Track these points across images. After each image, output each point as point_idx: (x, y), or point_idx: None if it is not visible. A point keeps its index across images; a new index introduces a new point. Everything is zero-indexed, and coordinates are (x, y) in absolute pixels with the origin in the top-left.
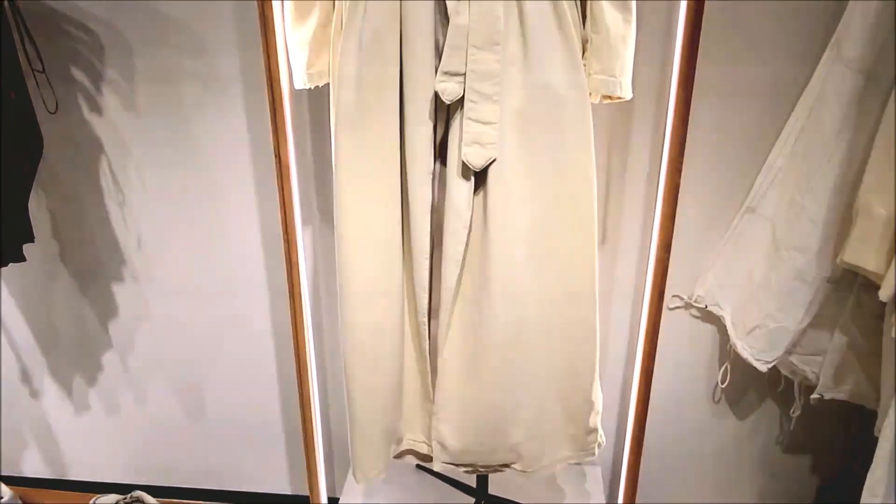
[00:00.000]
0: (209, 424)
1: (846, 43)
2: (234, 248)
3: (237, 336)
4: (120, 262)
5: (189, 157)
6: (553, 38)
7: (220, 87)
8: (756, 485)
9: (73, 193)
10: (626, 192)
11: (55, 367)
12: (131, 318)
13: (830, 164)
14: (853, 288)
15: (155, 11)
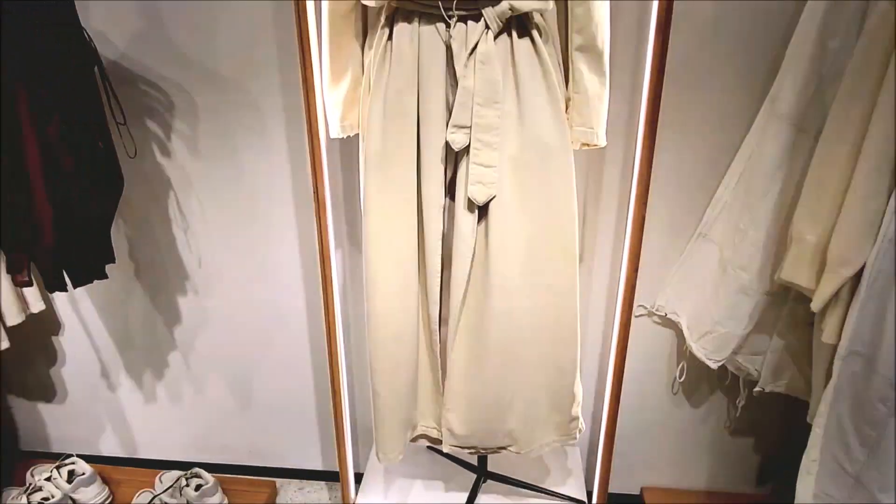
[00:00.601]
0: (255, 411)
1: (780, 100)
2: (277, 266)
3: (280, 339)
4: (184, 278)
5: (242, 192)
6: (542, 98)
7: (268, 136)
8: (707, 462)
9: (147, 222)
10: (600, 220)
11: (129, 365)
12: (192, 324)
13: (767, 198)
14: (787, 300)
15: (216, 74)
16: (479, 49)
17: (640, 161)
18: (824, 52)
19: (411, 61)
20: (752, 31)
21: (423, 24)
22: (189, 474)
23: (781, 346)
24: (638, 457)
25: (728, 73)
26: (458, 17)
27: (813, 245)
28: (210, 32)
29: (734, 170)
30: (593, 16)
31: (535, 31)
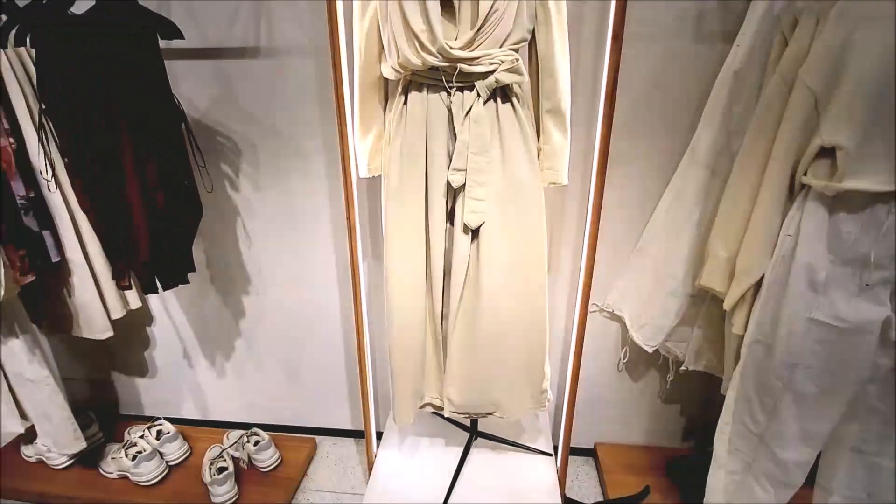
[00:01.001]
0: (300, 384)
1: (698, 149)
2: (318, 273)
3: (319, 328)
4: (247, 283)
5: (291, 217)
6: (519, 148)
7: (311, 174)
8: (644, 425)
9: (219, 240)
10: (564, 239)
11: (204, 348)
12: (253, 317)
13: (689, 223)
14: (706, 300)
15: (272, 127)
16: (473, 111)
17: (594, 195)
18: (731, 114)
19: (421, 120)
20: (677, 95)
21: (430, 93)
22: (249, 433)
23: (701, 335)
24: (592, 419)
25: (659, 127)
26: (457, 87)
27: (724, 259)
28: (268, 94)
29: (664, 201)
30: (558, 87)
31: (515, 97)
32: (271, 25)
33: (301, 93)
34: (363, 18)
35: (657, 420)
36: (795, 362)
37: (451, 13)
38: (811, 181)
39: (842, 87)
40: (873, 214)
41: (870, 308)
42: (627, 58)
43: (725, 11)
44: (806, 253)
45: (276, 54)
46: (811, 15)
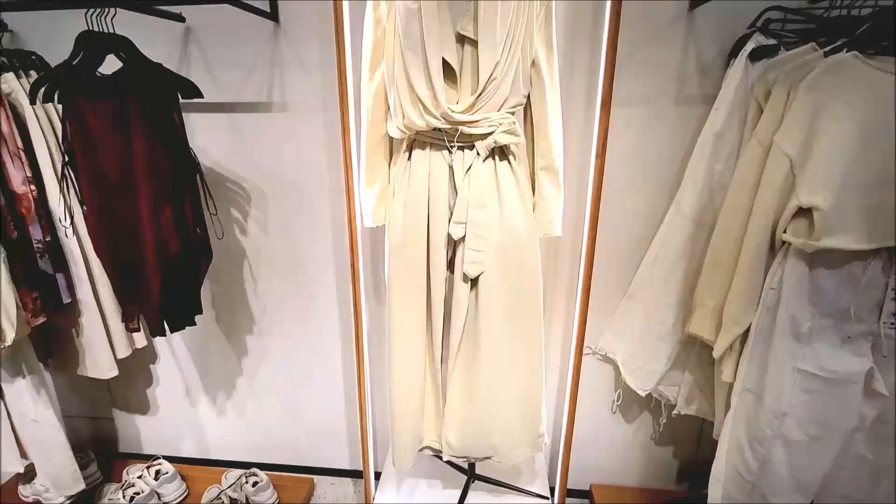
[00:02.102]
0: (300, 424)
1: (683, 202)
2: (320, 314)
3: (320, 369)
4: (251, 323)
5: (297, 260)
6: (516, 203)
7: (317, 221)
8: (639, 466)
9: (226, 281)
10: (558, 285)
11: (206, 387)
12: (256, 356)
13: (677, 272)
14: (695, 345)
15: (282, 175)
16: (473, 169)
17: (587, 245)
18: (713, 171)
19: (424, 176)
20: (662, 152)
21: (433, 151)
22: (248, 473)
23: (692, 379)
24: (587, 461)
25: (646, 182)
26: (458, 147)
27: (712, 308)
28: (278, 145)
29: (652, 250)
30: (552, 147)
31: (512, 156)
32: (284, 83)
33: (310, 145)
34: (371, 81)
35: (651, 462)
36: (784, 411)
37: (453, 79)
38: (791, 238)
39: (815, 153)
40: (850, 271)
41: (853, 360)
42: (615, 118)
43: (704, 77)
44: (790, 305)
45: (287, 109)
46: (783, 86)
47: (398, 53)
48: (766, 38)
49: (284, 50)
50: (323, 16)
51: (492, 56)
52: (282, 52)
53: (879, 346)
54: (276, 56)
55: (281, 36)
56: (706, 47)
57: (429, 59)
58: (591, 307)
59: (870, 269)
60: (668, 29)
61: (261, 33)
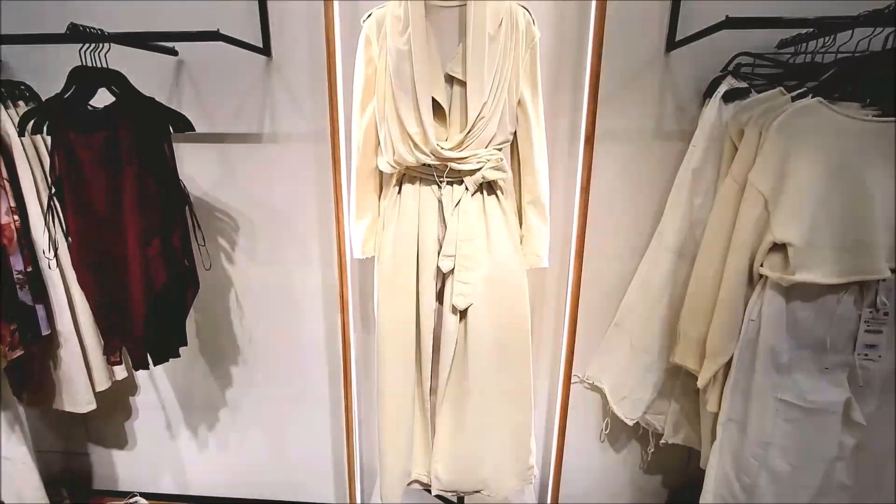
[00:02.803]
0: (285, 456)
1: (664, 234)
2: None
3: (308, 400)
4: (237, 353)
5: (285, 290)
6: (504, 236)
7: (307, 252)
8: (627, 496)
9: (212, 311)
10: (545, 317)
11: (188, 419)
12: (241, 387)
13: (661, 303)
14: (681, 374)
15: (271, 206)
16: (462, 203)
17: (573, 276)
18: (692, 205)
19: (414, 210)
20: (644, 186)
21: (422, 185)
22: None
23: (678, 408)
24: (576, 490)
25: (629, 215)
26: (447, 182)
27: (695, 339)
28: (268, 176)
29: (636, 280)
30: (538, 182)
31: (500, 191)
32: (275, 115)
33: (300, 176)
34: (362, 117)
35: (640, 491)
36: (768, 441)
37: (442, 117)
38: (767, 272)
39: (786, 191)
40: (825, 304)
41: (831, 390)
42: (599, 154)
43: (681, 115)
44: (769, 337)
45: (278, 140)
46: (754, 127)
47: (389, 92)
48: (738, 81)
49: (276, 83)
50: (315, 51)
51: (479, 96)
52: (273, 85)
53: (856, 377)
54: (268, 89)
55: (273, 70)
56: (682, 88)
57: (419, 98)
58: (578, 337)
59: (843, 302)
60: (646, 70)
61: (253, 67)
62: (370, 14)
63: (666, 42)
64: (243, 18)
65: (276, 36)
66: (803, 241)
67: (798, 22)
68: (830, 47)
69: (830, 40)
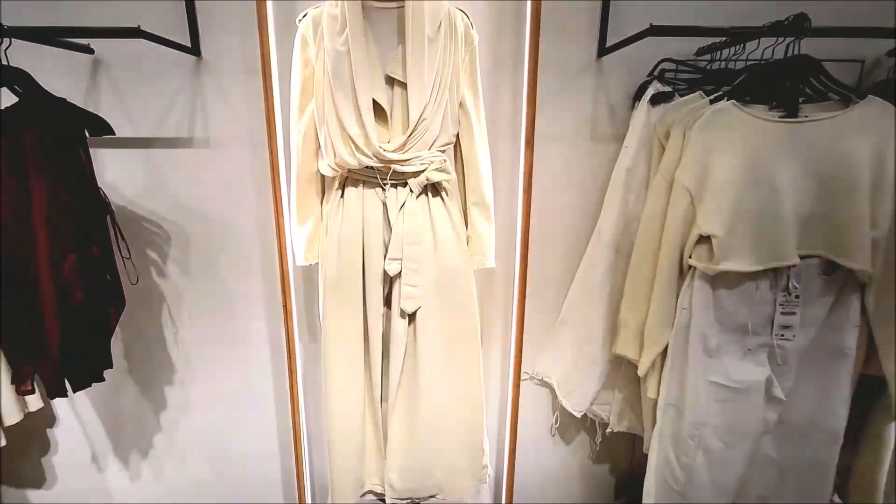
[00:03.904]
0: (230, 479)
1: (603, 232)
2: (252, 359)
3: (252, 418)
4: (172, 373)
5: (224, 303)
6: (450, 237)
7: (246, 260)
8: (579, 486)
9: (142, 328)
10: (494, 315)
11: (117, 449)
12: (177, 409)
13: (601, 298)
14: (623, 365)
15: (205, 214)
16: (407, 206)
17: (518, 274)
18: (627, 202)
19: (358, 213)
20: (582, 185)
21: (366, 188)
22: None
23: (621, 397)
24: (530, 485)
25: (570, 214)
26: (391, 184)
27: (634, 329)
28: (201, 183)
29: (579, 276)
30: (482, 183)
31: (444, 192)
32: (207, 118)
33: (237, 182)
34: (300, 120)
35: (590, 480)
36: (702, 421)
37: (383, 119)
38: (695, 263)
39: (709, 187)
40: (745, 290)
41: (754, 369)
42: (540, 155)
43: (614, 117)
44: (699, 323)
45: (210, 145)
46: (679, 128)
47: (328, 93)
48: (663, 86)
49: (207, 85)
50: (248, 51)
51: (421, 98)
52: (204, 86)
53: (775, 356)
54: (199, 91)
55: (204, 71)
56: (614, 92)
57: (359, 100)
58: (527, 335)
59: (760, 288)
60: (580, 75)
61: (181, 67)
62: (306, 14)
63: (598, 48)
64: (171, 16)
65: (205, 35)
66: (725, 232)
67: (713, 31)
68: (741, 55)
69: (741, 48)
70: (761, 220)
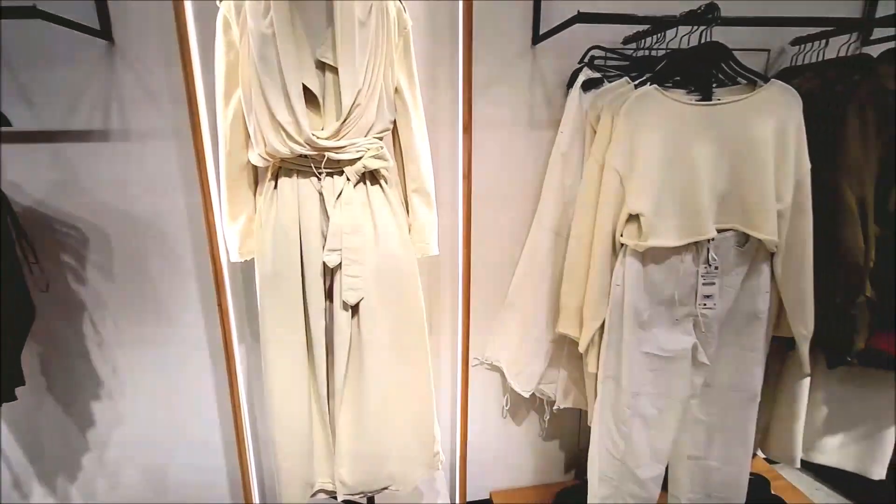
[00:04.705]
0: (169, 491)
1: (543, 216)
2: (189, 364)
3: (192, 427)
4: (98, 386)
5: (154, 306)
6: (391, 226)
7: (177, 260)
8: (532, 465)
9: (60, 341)
10: (441, 303)
11: (41, 472)
12: (107, 425)
13: (544, 278)
14: (566, 343)
15: (127, 213)
16: (344, 195)
17: (462, 261)
18: (564, 187)
19: (293, 204)
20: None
21: (300, 178)
22: None
23: (566, 375)
24: (485, 469)
25: (511, 199)
26: (327, 173)
27: (574, 308)
28: (121, 179)
29: (523, 260)
30: (421, 170)
31: (383, 180)
32: (124, 109)
33: (161, 176)
34: (227, 107)
35: (542, 458)
36: (637, 391)
37: (315, 105)
38: (626, 241)
39: (636, 168)
40: (671, 264)
41: (682, 338)
42: (479, 142)
43: (550, 103)
44: (632, 298)
45: (130, 138)
46: (608, 113)
47: (255, 79)
48: (593, 72)
49: (122, 72)
50: (166, 35)
51: (353, 83)
52: (119, 74)
53: (699, 324)
54: (113, 79)
55: (117, 57)
56: (549, 79)
57: (288, 85)
58: (476, 320)
59: (684, 261)
60: (516, 62)
61: (91, 54)
62: None
63: (532, 36)
64: None
65: (118, 18)
66: (652, 211)
67: (635, 19)
68: (662, 43)
69: (662, 36)
70: (683, 197)
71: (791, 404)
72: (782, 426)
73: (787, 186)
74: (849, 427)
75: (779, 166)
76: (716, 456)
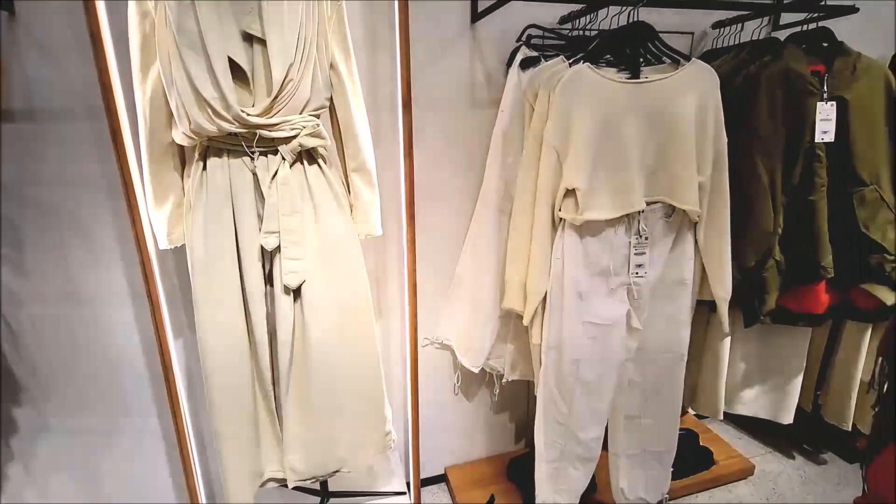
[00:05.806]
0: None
1: (487, 194)
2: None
3: (128, 426)
4: (17, 391)
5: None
6: (332, 206)
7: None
8: (484, 438)
9: None
10: (389, 284)
11: None
12: (31, 432)
13: (490, 256)
14: (512, 318)
15: (38, 200)
16: (279, 174)
17: (407, 242)
18: (506, 165)
19: (224, 186)
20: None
21: (231, 158)
22: None
23: (513, 349)
24: (440, 445)
25: (455, 178)
26: (260, 152)
27: (518, 283)
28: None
29: (469, 239)
30: (360, 148)
31: (321, 159)
32: (28, 86)
33: (76, 160)
34: (144, 82)
35: (494, 430)
36: (578, 358)
37: (244, 80)
38: (564, 215)
39: (571, 144)
40: (606, 236)
41: (617, 306)
42: (420, 121)
43: (490, 83)
44: (571, 270)
45: (35, 118)
46: (545, 91)
47: (174, 51)
48: (531, 51)
49: (25, 46)
50: (73, 5)
51: (284, 57)
52: (21, 49)
53: (632, 292)
54: (15, 54)
55: (20, 30)
56: (489, 57)
57: (212, 59)
58: (425, 299)
59: (618, 233)
60: (455, 40)
61: None
62: None
63: (471, 14)
64: None
65: None
66: (587, 185)
67: None
68: (595, 23)
69: (595, 16)
70: (615, 172)
71: (714, 363)
72: (708, 383)
73: (706, 160)
74: (763, 379)
75: (699, 141)
76: (650, 414)
